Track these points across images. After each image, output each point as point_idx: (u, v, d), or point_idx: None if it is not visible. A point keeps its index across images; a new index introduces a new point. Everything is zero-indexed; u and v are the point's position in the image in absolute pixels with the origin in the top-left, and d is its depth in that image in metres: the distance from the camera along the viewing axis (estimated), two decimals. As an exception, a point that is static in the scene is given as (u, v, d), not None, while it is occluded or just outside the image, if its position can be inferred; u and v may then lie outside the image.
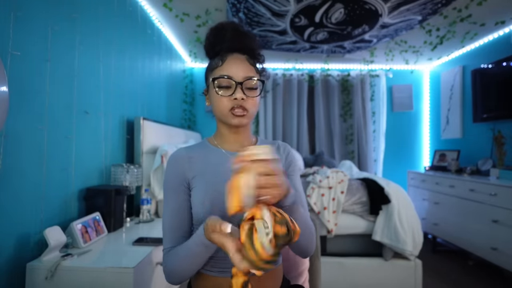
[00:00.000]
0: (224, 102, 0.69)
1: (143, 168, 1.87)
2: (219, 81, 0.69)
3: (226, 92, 0.69)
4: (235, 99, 0.68)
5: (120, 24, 1.83)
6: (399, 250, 1.82)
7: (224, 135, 0.76)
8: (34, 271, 1.03)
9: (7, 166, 1.00)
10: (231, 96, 0.69)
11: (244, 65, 0.71)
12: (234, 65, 0.70)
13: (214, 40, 0.74)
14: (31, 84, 1.12)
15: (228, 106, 0.69)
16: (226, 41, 0.72)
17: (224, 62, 0.71)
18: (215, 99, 0.70)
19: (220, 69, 0.71)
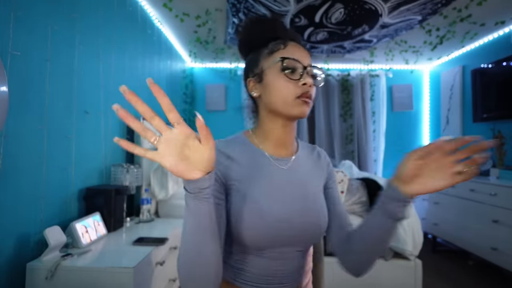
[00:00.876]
0: (290, 87, 0.60)
1: (143, 168, 1.87)
2: (287, 63, 0.60)
3: (293, 77, 0.60)
4: (304, 84, 0.60)
5: (120, 24, 1.83)
6: (399, 250, 1.82)
7: (271, 133, 0.66)
8: (34, 271, 1.03)
9: (7, 166, 1.00)
10: (298, 81, 0.60)
11: (306, 52, 0.64)
12: (297, 50, 0.63)
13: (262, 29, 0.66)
14: (31, 84, 1.12)
15: (296, 93, 0.60)
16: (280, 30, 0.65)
17: (287, 46, 0.63)
18: (279, 84, 0.61)
19: (284, 51, 0.62)
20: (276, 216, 0.59)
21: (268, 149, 0.66)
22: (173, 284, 1.53)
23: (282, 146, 0.67)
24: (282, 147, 0.67)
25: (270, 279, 0.62)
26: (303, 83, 0.60)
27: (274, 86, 0.62)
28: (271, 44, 0.64)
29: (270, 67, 0.63)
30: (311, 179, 0.68)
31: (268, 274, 0.62)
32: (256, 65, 0.66)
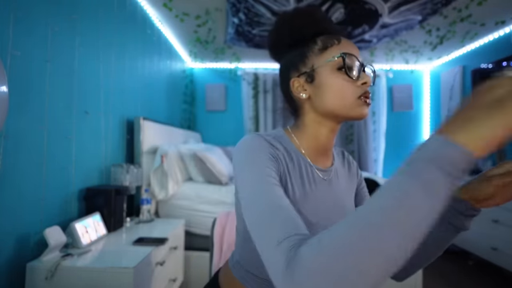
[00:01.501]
0: (350, 87, 0.54)
1: (143, 168, 1.87)
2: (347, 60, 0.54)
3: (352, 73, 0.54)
4: (364, 83, 0.54)
5: (120, 24, 1.83)
6: (399, 250, 1.82)
7: (317, 138, 0.60)
8: (34, 271, 1.03)
9: (7, 166, 1.00)
10: (358, 80, 0.54)
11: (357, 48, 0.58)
12: (351, 46, 0.57)
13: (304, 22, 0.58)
14: (31, 84, 1.12)
15: (356, 93, 0.54)
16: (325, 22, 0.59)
17: (341, 41, 0.56)
18: (336, 84, 0.55)
19: (340, 47, 0.56)
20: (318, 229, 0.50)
21: (310, 155, 0.60)
22: (173, 284, 1.53)
23: (324, 154, 0.62)
24: (324, 155, 0.62)
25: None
26: (363, 82, 0.55)
27: (331, 86, 0.55)
28: (321, 39, 0.57)
29: (324, 65, 0.56)
30: (347, 191, 0.65)
31: None
32: (304, 63, 0.58)
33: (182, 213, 1.94)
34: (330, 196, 0.59)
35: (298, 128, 0.62)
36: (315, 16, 0.58)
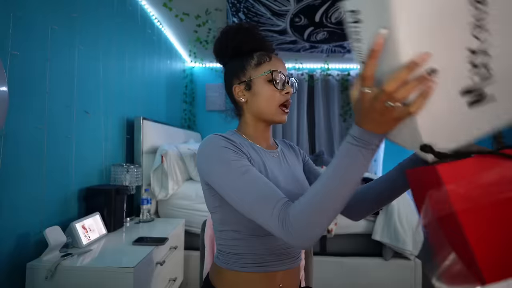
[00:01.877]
0: (276, 96, 0.70)
1: (143, 168, 1.87)
2: (275, 75, 0.70)
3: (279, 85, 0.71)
4: (287, 93, 0.71)
5: (120, 24, 1.83)
6: (399, 250, 1.82)
7: (257, 132, 0.76)
8: (34, 271, 1.03)
9: (7, 166, 1.00)
10: (283, 90, 0.71)
11: (283, 63, 0.75)
12: (279, 63, 0.73)
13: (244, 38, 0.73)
14: (31, 84, 1.12)
15: (280, 101, 0.71)
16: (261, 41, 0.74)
17: (271, 59, 0.72)
18: (266, 93, 0.71)
19: (270, 64, 0.72)
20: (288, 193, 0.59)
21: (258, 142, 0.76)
22: (173, 283, 1.53)
23: (266, 142, 0.78)
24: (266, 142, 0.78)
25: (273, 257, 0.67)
26: (286, 92, 0.71)
27: (263, 94, 0.71)
28: (257, 55, 0.73)
29: (258, 78, 0.71)
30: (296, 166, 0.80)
31: (271, 253, 0.67)
32: (243, 73, 0.73)
33: (182, 213, 1.94)
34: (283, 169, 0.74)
35: (242, 127, 0.77)
36: (254, 35, 0.74)
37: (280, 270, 0.68)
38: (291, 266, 0.71)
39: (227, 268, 0.69)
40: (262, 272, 0.67)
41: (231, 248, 0.69)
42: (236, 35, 0.73)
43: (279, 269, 0.68)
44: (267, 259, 0.67)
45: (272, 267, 0.68)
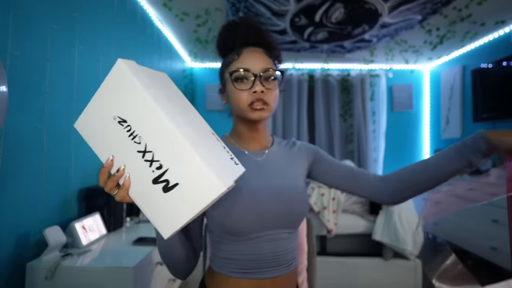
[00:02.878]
0: (243, 96, 0.66)
1: (143, 168, 1.87)
2: (236, 75, 0.66)
3: (245, 86, 0.66)
4: (255, 92, 0.65)
5: (120, 24, 1.83)
6: (399, 250, 1.82)
7: (242, 133, 0.73)
8: (34, 271, 1.03)
9: (6, 165, 1.00)
10: (250, 89, 0.65)
11: (261, 57, 0.68)
12: (251, 58, 0.67)
13: (227, 36, 0.71)
14: (31, 84, 1.12)
15: (248, 101, 0.65)
16: (240, 36, 0.70)
17: (240, 55, 0.68)
18: (233, 94, 0.67)
19: (237, 62, 0.67)
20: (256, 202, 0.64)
21: (243, 146, 0.74)
22: (173, 284, 1.53)
23: (255, 142, 0.74)
24: (255, 143, 0.74)
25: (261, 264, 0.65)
26: (253, 91, 0.65)
27: (231, 96, 0.68)
28: (229, 55, 0.70)
29: (227, 79, 0.69)
30: (286, 166, 0.74)
31: (258, 259, 0.65)
32: (221, 76, 0.73)
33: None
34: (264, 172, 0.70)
35: (232, 129, 0.77)
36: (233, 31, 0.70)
37: (268, 277, 0.65)
38: (280, 273, 0.67)
39: (219, 271, 0.68)
40: (248, 278, 0.65)
41: (219, 251, 0.68)
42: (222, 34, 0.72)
43: (266, 276, 0.65)
44: (252, 265, 0.65)
45: (258, 274, 0.65)
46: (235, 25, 0.71)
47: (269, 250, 0.65)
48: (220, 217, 0.64)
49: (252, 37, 0.70)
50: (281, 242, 0.66)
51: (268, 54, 0.70)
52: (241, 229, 0.63)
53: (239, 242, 0.65)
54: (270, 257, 0.65)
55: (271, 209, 0.64)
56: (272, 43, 0.72)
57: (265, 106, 0.66)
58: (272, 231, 0.65)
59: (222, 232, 0.66)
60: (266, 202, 0.64)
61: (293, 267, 0.70)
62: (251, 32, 0.70)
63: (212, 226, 0.68)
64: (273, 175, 0.70)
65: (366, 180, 0.74)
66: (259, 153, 0.73)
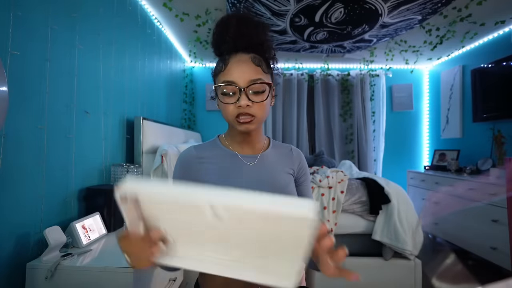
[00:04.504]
0: (229, 109, 0.66)
1: (143, 168, 1.87)
2: (222, 88, 0.66)
3: (231, 99, 0.65)
4: (240, 106, 0.64)
5: (120, 24, 1.83)
6: (399, 250, 1.82)
7: (235, 137, 0.74)
8: (34, 271, 1.03)
9: (7, 166, 1.00)
10: (236, 103, 0.65)
11: (249, 67, 0.65)
12: (237, 69, 0.65)
13: (218, 38, 0.69)
14: (31, 84, 1.12)
15: (234, 114, 0.65)
16: (228, 40, 0.67)
17: (227, 66, 0.66)
18: (221, 106, 0.68)
19: (223, 74, 0.66)
20: None
21: (236, 149, 0.74)
22: (173, 284, 1.53)
23: (248, 146, 0.74)
24: (248, 147, 0.74)
25: None
26: (238, 105, 0.64)
27: (220, 106, 0.69)
28: (218, 63, 0.69)
29: (216, 88, 0.68)
30: (277, 171, 0.74)
31: None
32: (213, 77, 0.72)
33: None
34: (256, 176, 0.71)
35: (228, 129, 0.77)
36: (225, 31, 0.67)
37: None
38: None
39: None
40: None
41: None
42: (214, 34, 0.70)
43: None
44: None
45: None
46: (226, 25, 0.67)
47: None
48: None
49: (242, 41, 0.66)
50: None
51: (257, 61, 0.67)
52: None
53: None
54: None
55: None
56: (265, 43, 0.69)
57: (252, 118, 0.65)
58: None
59: None
60: None
61: None
62: (241, 34, 0.66)
63: None
64: (263, 179, 0.70)
65: None
66: (252, 157, 0.74)
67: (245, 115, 0.65)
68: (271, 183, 0.70)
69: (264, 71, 0.68)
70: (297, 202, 0.40)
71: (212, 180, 0.69)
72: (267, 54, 0.70)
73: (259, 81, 0.65)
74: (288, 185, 0.73)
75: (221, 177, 0.69)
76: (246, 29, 0.67)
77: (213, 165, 0.71)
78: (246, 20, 0.67)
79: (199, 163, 0.71)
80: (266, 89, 0.66)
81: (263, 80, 0.66)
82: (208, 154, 0.73)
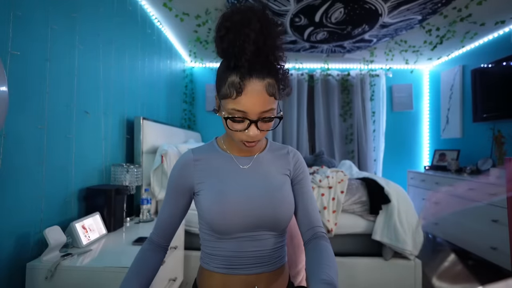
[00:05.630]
0: (236, 134, 0.64)
1: (143, 168, 1.87)
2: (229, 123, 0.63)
3: (240, 126, 0.62)
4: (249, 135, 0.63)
5: (120, 24, 1.83)
6: (399, 250, 1.82)
7: (232, 142, 0.74)
8: (34, 271, 1.03)
9: (7, 166, 1.00)
10: (244, 130, 0.62)
11: (262, 97, 0.59)
12: (250, 99, 0.59)
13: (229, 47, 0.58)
14: (31, 84, 1.12)
15: (241, 138, 0.64)
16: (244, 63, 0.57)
17: (239, 94, 0.59)
18: (227, 125, 0.63)
19: (234, 102, 0.60)
20: (239, 206, 0.66)
21: (233, 151, 0.74)
22: (173, 283, 1.53)
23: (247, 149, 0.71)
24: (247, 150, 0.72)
25: (244, 260, 0.67)
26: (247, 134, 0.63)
27: (225, 124, 0.64)
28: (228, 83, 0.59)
29: (223, 107, 0.63)
30: (272, 173, 0.74)
31: (241, 256, 0.67)
32: (218, 92, 0.64)
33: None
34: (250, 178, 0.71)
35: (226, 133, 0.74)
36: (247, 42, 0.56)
37: (253, 273, 0.67)
38: (266, 270, 0.69)
39: (207, 268, 0.70)
40: (232, 274, 0.67)
41: (207, 248, 0.71)
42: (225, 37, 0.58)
43: (251, 272, 0.67)
44: (236, 262, 0.67)
45: (242, 270, 0.67)
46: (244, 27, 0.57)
47: (252, 248, 0.67)
48: (205, 214, 0.67)
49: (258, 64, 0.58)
50: (265, 242, 0.68)
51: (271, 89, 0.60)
52: (224, 230, 0.66)
53: (223, 240, 0.67)
54: (253, 255, 0.68)
55: (253, 213, 0.66)
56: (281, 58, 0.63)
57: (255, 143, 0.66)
58: (256, 232, 0.68)
59: (207, 229, 0.69)
60: (248, 207, 0.66)
61: (281, 264, 0.72)
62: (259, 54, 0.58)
63: (201, 223, 0.72)
64: (257, 182, 0.70)
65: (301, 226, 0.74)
66: (247, 159, 0.74)
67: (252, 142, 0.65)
68: (264, 185, 0.70)
69: (276, 97, 0.62)
70: None
71: (206, 182, 0.70)
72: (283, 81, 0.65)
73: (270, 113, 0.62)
74: (283, 186, 0.72)
75: (215, 180, 0.70)
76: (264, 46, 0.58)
77: (208, 167, 0.72)
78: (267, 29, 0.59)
79: (194, 165, 0.72)
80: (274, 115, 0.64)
81: (273, 109, 0.63)
82: (205, 156, 0.73)
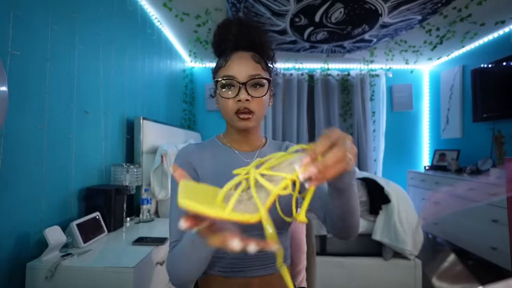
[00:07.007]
0: (229, 104, 0.67)
1: (143, 168, 1.87)
2: (222, 83, 0.67)
3: (230, 94, 0.67)
4: (239, 100, 0.65)
5: (120, 24, 1.83)
6: (399, 250, 1.82)
7: (233, 135, 0.75)
8: (34, 271, 1.03)
9: (7, 166, 1.00)
10: (235, 97, 0.66)
11: (249, 63, 0.67)
12: (237, 64, 0.67)
13: (219, 38, 0.71)
14: (31, 84, 1.12)
15: (233, 109, 0.66)
16: (230, 39, 0.69)
17: (227, 61, 0.68)
18: (221, 101, 0.69)
19: (224, 69, 0.68)
20: None
21: (234, 146, 0.75)
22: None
23: (246, 144, 0.75)
24: (246, 144, 0.75)
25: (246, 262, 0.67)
26: (238, 100, 0.65)
27: (219, 102, 0.70)
28: (218, 60, 0.71)
29: (216, 83, 0.70)
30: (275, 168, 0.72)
31: (243, 257, 0.67)
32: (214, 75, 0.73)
33: (182, 213, 1.93)
34: None
35: (226, 128, 0.77)
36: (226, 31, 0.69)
37: (256, 276, 0.67)
38: (269, 272, 0.69)
39: (209, 271, 0.69)
40: (236, 277, 0.67)
41: None
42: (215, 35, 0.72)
43: (254, 275, 0.67)
44: (239, 264, 0.67)
45: (245, 273, 0.67)
46: (227, 26, 0.70)
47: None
48: None
49: (242, 40, 0.69)
50: None
51: (257, 58, 0.69)
52: None
53: None
54: (256, 256, 0.67)
55: None
56: (265, 44, 0.71)
57: (250, 116, 0.66)
58: (258, 231, 0.66)
59: None
60: None
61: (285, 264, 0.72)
62: (242, 34, 0.69)
63: None
64: None
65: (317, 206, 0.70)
66: (250, 154, 0.75)
67: (245, 111, 0.66)
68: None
69: (263, 68, 0.69)
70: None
71: (210, 174, 0.70)
72: (266, 54, 0.73)
73: (258, 76, 0.66)
74: None
75: (219, 172, 0.70)
76: (247, 30, 0.69)
77: (211, 160, 0.72)
78: (247, 22, 0.70)
79: (198, 157, 0.72)
80: (265, 84, 0.68)
81: (262, 76, 0.67)
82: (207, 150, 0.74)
